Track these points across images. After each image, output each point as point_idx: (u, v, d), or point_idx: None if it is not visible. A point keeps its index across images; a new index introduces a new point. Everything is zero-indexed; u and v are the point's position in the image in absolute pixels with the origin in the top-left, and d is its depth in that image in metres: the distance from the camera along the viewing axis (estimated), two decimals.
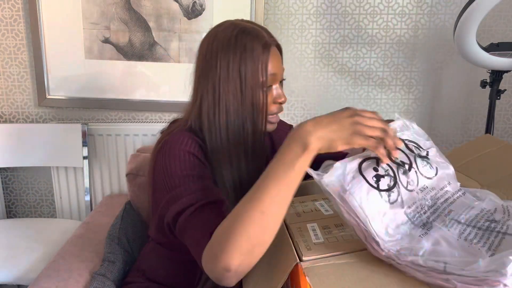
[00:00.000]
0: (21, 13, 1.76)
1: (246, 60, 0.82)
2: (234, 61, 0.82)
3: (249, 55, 0.82)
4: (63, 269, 1.12)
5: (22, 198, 1.97)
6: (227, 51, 0.83)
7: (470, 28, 1.32)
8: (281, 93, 0.88)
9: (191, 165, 0.81)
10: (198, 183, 0.79)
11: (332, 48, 1.80)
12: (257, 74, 0.82)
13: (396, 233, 0.62)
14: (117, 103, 1.82)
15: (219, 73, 0.83)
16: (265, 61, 0.83)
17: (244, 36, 0.83)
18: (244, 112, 0.84)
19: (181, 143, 0.83)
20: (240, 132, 0.84)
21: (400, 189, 0.65)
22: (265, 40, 0.84)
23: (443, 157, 0.76)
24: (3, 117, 1.87)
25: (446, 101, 1.86)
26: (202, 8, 1.72)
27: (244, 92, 0.83)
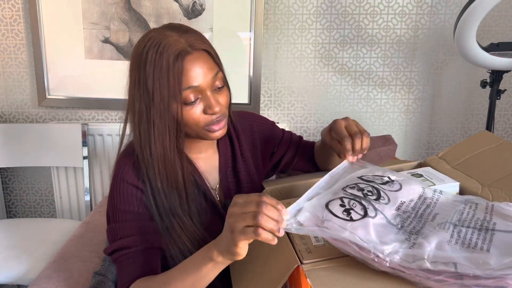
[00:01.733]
0: (21, 13, 1.76)
1: (154, 76, 0.74)
2: (142, 77, 0.76)
3: (157, 71, 0.74)
4: (63, 269, 1.12)
5: (22, 198, 1.97)
6: (137, 69, 0.77)
7: (470, 28, 1.32)
8: (212, 103, 0.78)
9: (128, 199, 0.83)
10: (134, 224, 0.82)
11: (332, 48, 1.80)
12: (167, 89, 0.74)
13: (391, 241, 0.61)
14: (117, 103, 1.82)
15: (132, 90, 0.79)
16: (178, 74, 0.74)
17: (154, 50, 0.75)
18: (154, 130, 0.78)
19: (122, 171, 0.84)
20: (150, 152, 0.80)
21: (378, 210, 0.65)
22: (179, 49, 0.74)
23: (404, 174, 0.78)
24: (3, 117, 1.87)
25: (446, 101, 1.86)
26: (202, 8, 1.72)
27: (152, 108, 0.76)
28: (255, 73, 1.77)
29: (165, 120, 0.77)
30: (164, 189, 0.81)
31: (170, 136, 0.78)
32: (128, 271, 0.80)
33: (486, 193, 0.82)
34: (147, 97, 0.76)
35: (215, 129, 0.81)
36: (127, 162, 0.85)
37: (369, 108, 1.86)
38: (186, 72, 0.75)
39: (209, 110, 0.78)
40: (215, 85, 0.79)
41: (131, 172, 0.84)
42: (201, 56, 0.77)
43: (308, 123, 1.88)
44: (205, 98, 0.78)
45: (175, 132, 0.79)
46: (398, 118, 1.88)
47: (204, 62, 0.77)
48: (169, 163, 0.80)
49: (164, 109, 0.76)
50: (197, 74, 0.76)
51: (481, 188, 0.83)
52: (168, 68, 0.74)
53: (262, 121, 1.05)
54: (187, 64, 0.75)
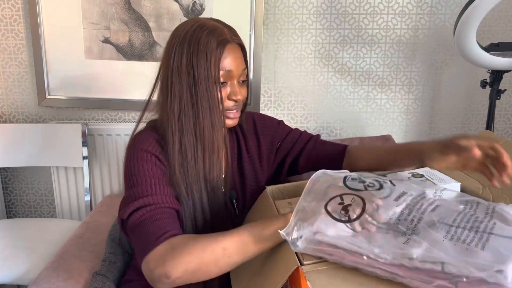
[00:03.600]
0: (21, 13, 1.76)
1: (198, 54, 0.82)
2: (187, 54, 0.83)
3: (202, 49, 0.82)
4: (63, 269, 1.13)
5: (22, 198, 1.97)
6: (182, 44, 0.84)
7: (470, 28, 1.32)
8: (237, 91, 0.87)
9: (150, 166, 0.83)
10: (156, 186, 0.81)
11: (332, 48, 1.80)
12: (209, 68, 0.82)
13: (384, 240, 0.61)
14: (117, 103, 1.82)
15: (172, 66, 0.84)
16: (218, 56, 0.83)
17: (201, 31, 0.83)
18: (196, 105, 0.84)
19: (141, 142, 0.85)
20: (194, 125, 0.84)
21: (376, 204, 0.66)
22: (222, 37, 0.84)
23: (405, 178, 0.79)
24: (3, 117, 1.87)
25: (446, 101, 1.86)
26: (202, 8, 1.72)
27: (196, 84, 0.83)
28: (255, 73, 1.77)
29: (209, 96, 0.83)
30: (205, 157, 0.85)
31: (216, 111, 0.84)
32: (157, 227, 0.75)
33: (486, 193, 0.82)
34: (191, 72, 0.83)
35: (230, 117, 0.89)
36: (145, 135, 0.87)
37: (369, 108, 1.86)
38: (224, 57, 0.84)
39: (233, 97, 0.87)
40: (241, 78, 0.89)
41: (149, 143, 0.85)
42: (238, 48, 0.88)
43: (308, 123, 1.88)
44: (232, 85, 0.87)
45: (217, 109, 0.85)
46: (398, 118, 1.88)
47: (239, 54, 0.88)
48: (215, 136, 0.85)
49: (208, 87, 0.83)
50: (232, 62, 0.86)
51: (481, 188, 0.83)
52: (211, 50, 0.82)
53: (265, 119, 1.06)
54: (227, 51, 0.85)
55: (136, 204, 0.78)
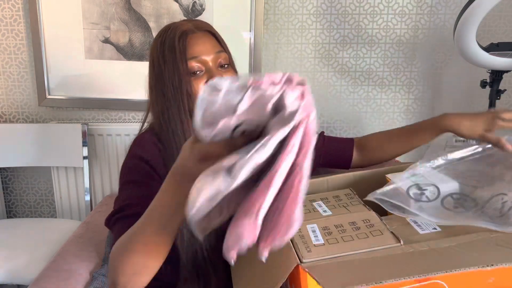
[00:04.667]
0: (21, 13, 1.76)
1: (164, 53, 0.85)
2: (156, 56, 0.86)
3: (167, 48, 0.84)
4: (63, 269, 1.13)
5: (22, 198, 1.97)
6: (152, 49, 0.88)
7: (470, 28, 1.32)
8: (214, 74, 0.85)
9: (136, 171, 0.84)
10: (135, 191, 0.81)
11: (332, 48, 1.80)
12: (175, 63, 0.83)
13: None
14: (117, 103, 1.82)
15: (150, 71, 0.88)
16: (182, 48, 0.84)
17: (165, 32, 0.86)
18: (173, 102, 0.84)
19: (136, 148, 0.87)
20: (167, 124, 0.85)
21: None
22: (184, 29, 0.85)
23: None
24: (3, 117, 1.87)
25: (446, 101, 1.86)
26: (202, 8, 1.73)
27: (167, 83, 0.84)
28: (255, 73, 1.76)
29: (177, 90, 0.83)
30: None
31: (183, 104, 0.84)
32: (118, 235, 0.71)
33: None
34: (159, 72, 0.85)
35: None
36: (141, 139, 0.89)
37: (369, 108, 1.86)
38: (190, 46, 0.84)
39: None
40: (218, 62, 0.86)
41: (144, 148, 0.86)
42: (205, 35, 0.87)
43: None
44: (208, 70, 0.85)
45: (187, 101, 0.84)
46: (398, 118, 1.88)
47: (207, 39, 0.87)
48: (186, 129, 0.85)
49: (175, 80, 0.83)
50: (200, 48, 0.85)
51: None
52: (173, 43, 0.84)
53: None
54: (190, 40, 0.85)
55: (115, 206, 0.82)
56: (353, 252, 0.64)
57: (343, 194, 0.87)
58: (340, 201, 0.84)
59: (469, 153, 0.84)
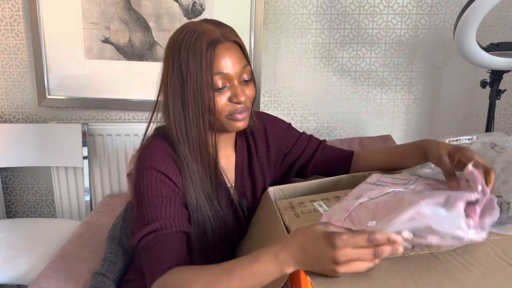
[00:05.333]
0: (21, 13, 1.76)
1: (188, 60, 0.79)
2: (177, 63, 0.80)
3: (192, 56, 0.79)
4: (63, 269, 1.13)
5: (22, 198, 1.97)
6: (172, 53, 0.82)
7: (470, 28, 1.32)
8: (238, 92, 0.82)
9: (158, 185, 0.81)
10: (164, 208, 0.79)
11: (332, 48, 1.80)
12: (201, 75, 0.79)
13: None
14: (117, 103, 1.82)
15: (166, 75, 0.82)
16: (210, 60, 0.79)
17: (190, 36, 0.80)
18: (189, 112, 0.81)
19: (150, 158, 0.82)
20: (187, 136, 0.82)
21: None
22: (212, 38, 0.79)
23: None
24: (3, 117, 1.87)
25: (446, 101, 1.86)
26: (202, 8, 1.72)
27: (187, 91, 0.80)
28: (255, 73, 1.76)
29: (199, 104, 0.80)
30: (199, 169, 0.84)
31: (203, 119, 0.81)
32: (159, 257, 0.76)
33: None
34: (181, 80, 0.80)
35: (238, 118, 0.84)
36: (156, 148, 0.84)
37: (369, 108, 1.86)
38: (217, 59, 0.80)
39: (235, 99, 0.82)
40: (242, 77, 0.84)
41: (160, 159, 0.82)
42: (232, 46, 0.82)
43: (308, 123, 1.88)
44: (232, 86, 0.82)
45: (208, 117, 0.82)
46: (398, 118, 1.88)
47: (235, 52, 0.82)
48: (203, 144, 0.83)
49: (197, 93, 0.80)
50: (227, 62, 0.81)
51: None
52: (201, 53, 0.78)
53: (276, 122, 1.04)
54: (218, 52, 0.80)
55: (145, 230, 0.78)
56: None
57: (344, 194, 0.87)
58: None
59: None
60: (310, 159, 1.04)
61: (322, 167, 1.05)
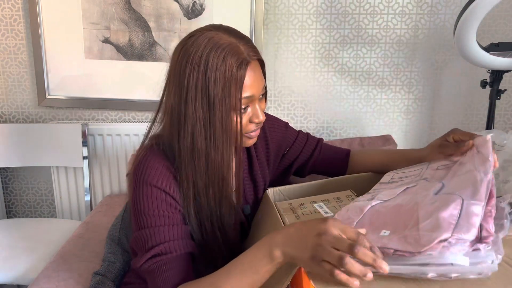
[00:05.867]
0: (21, 13, 1.76)
1: (216, 82, 0.73)
2: (203, 82, 0.74)
3: (220, 76, 0.73)
4: (63, 269, 1.13)
5: (22, 198, 1.97)
6: (196, 70, 0.74)
7: (470, 28, 1.32)
8: (258, 113, 0.80)
9: (159, 203, 0.78)
10: (169, 229, 0.78)
11: (332, 48, 1.80)
12: (229, 97, 0.74)
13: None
14: (117, 103, 1.82)
15: (186, 93, 0.75)
16: (239, 82, 0.74)
17: (216, 54, 0.74)
18: (213, 136, 0.76)
19: (148, 174, 0.79)
20: (206, 161, 0.78)
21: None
22: (242, 58, 0.75)
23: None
24: (3, 117, 1.87)
25: (446, 101, 1.86)
26: (202, 8, 1.72)
27: (213, 115, 0.75)
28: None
29: (226, 128, 0.76)
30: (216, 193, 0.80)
31: (230, 144, 0.78)
32: (166, 279, 0.75)
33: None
34: (206, 102, 0.75)
35: (252, 136, 0.83)
36: (153, 163, 0.80)
37: (369, 108, 1.86)
38: (246, 82, 0.76)
39: (256, 119, 0.81)
40: (261, 94, 0.81)
41: (158, 174, 0.79)
42: (257, 66, 0.79)
43: (308, 123, 1.88)
44: (253, 107, 0.80)
45: (234, 140, 0.78)
46: (398, 118, 1.88)
47: (259, 72, 0.79)
48: (227, 171, 0.79)
49: (225, 116, 0.75)
50: (254, 84, 0.77)
51: None
52: (231, 76, 0.74)
53: (274, 122, 1.03)
54: (248, 74, 0.76)
55: (149, 254, 0.76)
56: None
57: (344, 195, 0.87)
58: (341, 203, 0.84)
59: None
60: (309, 159, 1.04)
61: (320, 166, 1.05)
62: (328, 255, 0.58)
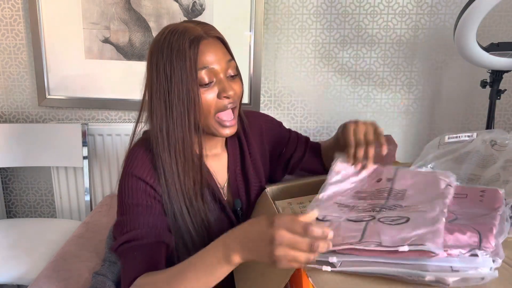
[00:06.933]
0: (21, 13, 1.76)
1: (172, 59, 0.78)
2: (161, 63, 0.79)
3: (176, 54, 0.78)
4: (63, 269, 1.12)
5: (22, 198, 1.97)
6: (155, 54, 0.80)
7: (470, 28, 1.32)
8: (226, 87, 0.80)
9: (139, 194, 0.82)
10: (144, 217, 0.81)
11: (332, 48, 1.80)
12: (185, 72, 0.77)
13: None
14: (117, 103, 1.82)
15: (150, 77, 0.82)
16: (193, 56, 0.77)
17: (172, 35, 0.79)
18: (173, 113, 0.79)
19: (133, 164, 0.83)
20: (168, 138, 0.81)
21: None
22: (194, 35, 0.79)
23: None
24: (3, 117, 1.87)
25: (446, 101, 1.86)
26: (202, 8, 1.72)
27: (172, 93, 0.78)
28: (255, 73, 1.77)
29: (184, 102, 0.78)
30: (179, 171, 0.82)
31: (189, 118, 0.79)
32: (132, 266, 0.78)
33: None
34: (165, 80, 0.79)
35: (226, 124, 0.82)
36: (137, 154, 0.85)
37: (369, 108, 1.86)
38: (201, 55, 0.79)
39: (224, 93, 0.81)
40: (228, 72, 0.82)
41: (140, 166, 0.83)
42: (215, 42, 0.82)
43: (308, 123, 1.88)
44: (219, 81, 0.81)
45: (193, 115, 0.80)
46: (398, 118, 1.88)
47: (218, 47, 0.82)
48: (187, 145, 0.81)
49: (183, 91, 0.78)
50: (212, 57, 0.80)
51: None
52: (184, 51, 0.77)
53: (270, 121, 1.04)
54: (202, 47, 0.79)
55: (123, 238, 0.80)
56: None
57: None
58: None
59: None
60: (303, 155, 1.04)
61: (310, 163, 1.05)
62: (293, 259, 0.58)
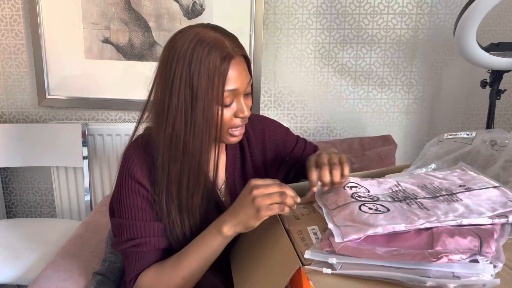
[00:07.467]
0: (21, 13, 1.76)
1: (200, 74, 0.75)
2: (185, 72, 0.76)
3: (204, 69, 0.75)
4: (63, 269, 1.12)
5: (22, 198, 1.97)
6: (182, 62, 0.77)
7: (470, 28, 1.32)
8: (243, 108, 0.81)
9: (135, 197, 0.84)
10: (143, 226, 0.83)
11: (332, 48, 1.80)
12: (212, 89, 0.76)
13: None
14: (117, 103, 1.82)
15: (171, 85, 0.77)
16: (223, 75, 0.76)
17: (201, 47, 0.76)
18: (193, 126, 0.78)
19: (130, 164, 0.84)
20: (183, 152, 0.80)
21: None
22: (225, 52, 0.77)
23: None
24: (3, 117, 1.87)
25: (446, 101, 1.86)
26: (202, 8, 1.72)
27: (195, 106, 0.77)
28: (255, 73, 1.77)
29: (207, 120, 0.78)
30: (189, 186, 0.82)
31: (209, 136, 0.80)
32: (136, 266, 0.84)
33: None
34: (189, 93, 0.77)
35: (236, 134, 0.84)
36: (135, 157, 0.85)
37: (369, 108, 1.86)
38: (230, 75, 0.78)
39: (241, 114, 0.82)
40: (247, 90, 0.83)
41: (138, 169, 0.84)
42: (242, 61, 0.81)
43: (308, 123, 1.88)
44: (238, 102, 0.81)
45: (214, 133, 0.80)
46: (398, 118, 1.88)
47: (244, 67, 0.81)
48: (204, 161, 0.82)
49: (207, 109, 0.78)
50: (237, 78, 0.79)
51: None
52: (215, 68, 0.76)
53: (275, 127, 1.03)
54: (231, 68, 0.78)
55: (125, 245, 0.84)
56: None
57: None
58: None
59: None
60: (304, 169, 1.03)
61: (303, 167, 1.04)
62: (269, 198, 0.71)
